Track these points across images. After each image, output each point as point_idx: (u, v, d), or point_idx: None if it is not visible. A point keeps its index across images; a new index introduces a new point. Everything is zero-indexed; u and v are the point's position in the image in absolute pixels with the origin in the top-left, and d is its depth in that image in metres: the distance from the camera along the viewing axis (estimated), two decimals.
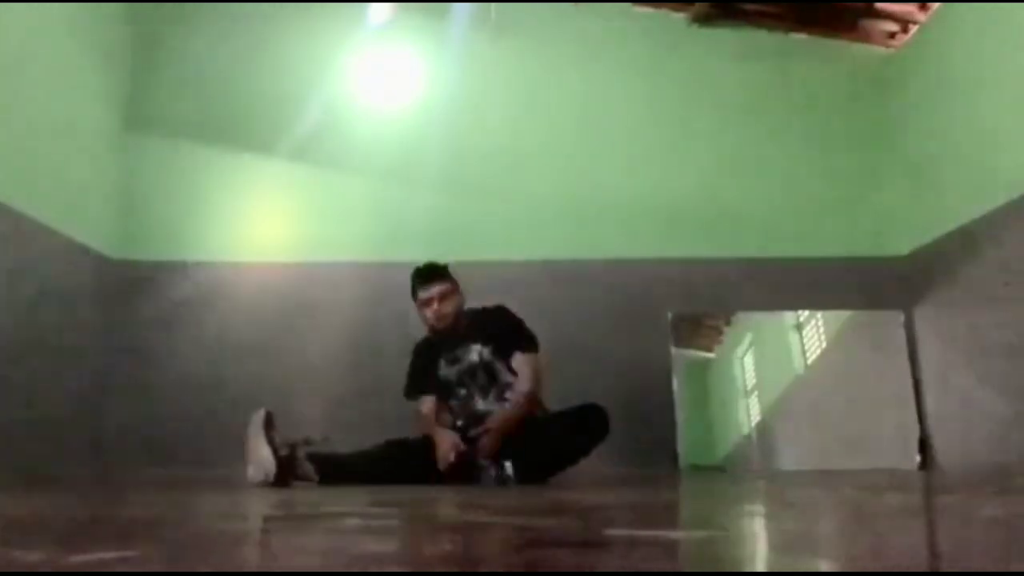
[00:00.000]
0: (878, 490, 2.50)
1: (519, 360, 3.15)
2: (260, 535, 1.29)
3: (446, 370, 3.20)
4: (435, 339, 3.28)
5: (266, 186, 5.37)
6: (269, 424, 3.00)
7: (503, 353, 3.16)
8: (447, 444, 2.92)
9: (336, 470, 2.93)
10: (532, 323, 3.51)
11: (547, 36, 5.65)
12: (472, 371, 3.15)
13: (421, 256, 5.45)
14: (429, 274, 3.28)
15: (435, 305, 3.20)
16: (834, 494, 2.33)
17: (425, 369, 3.24)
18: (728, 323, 5.61)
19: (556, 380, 4.75)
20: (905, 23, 5.37)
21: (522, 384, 3.09)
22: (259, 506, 1.94)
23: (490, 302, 3.49)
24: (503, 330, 3.20)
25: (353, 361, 5.05)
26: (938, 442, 4.88)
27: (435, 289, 3.23)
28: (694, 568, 0.93)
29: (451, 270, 3.37)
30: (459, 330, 3.21)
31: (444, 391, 3.20)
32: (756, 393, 5.41)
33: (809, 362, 5.40)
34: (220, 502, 2.09)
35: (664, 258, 5.26)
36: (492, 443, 2.99)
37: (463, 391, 3.18)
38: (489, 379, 3.14)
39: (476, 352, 3.15)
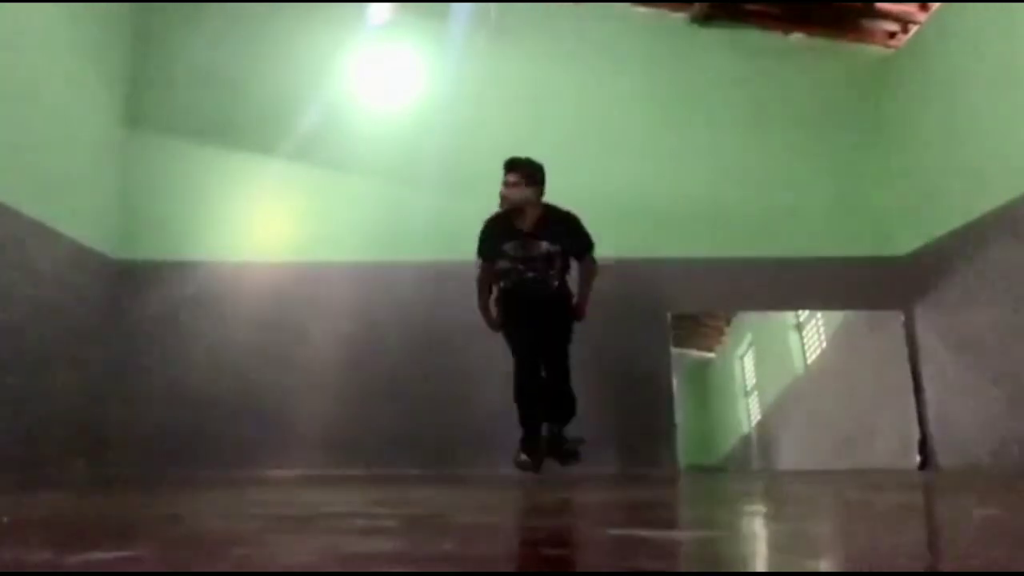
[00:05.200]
0: (878, 490, 2.50)
1: (581, 264, 4.02)
2: (260, 535, 1.29)
3: (511, 249, 3.92)
4: (506, 221, 3.94)
5: (266, 186, 5.36)
6: None
7: (567, 252, 3.96)
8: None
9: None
10: None
11: (547, 36, 5.64)
12: (536, 259, 3.91)
13: (421, 256, 5.49)
14: (512, 164, 3.94)
15: (502, 188, 3.88)
16: (834, 494, 2.33)
17: (493, 241, 3.97)
18: (728, 323, 5.61)
19: None
20: (905, 23, 5.37)
21: (583, 274, 4.02)
22: (259, 506, 1.94)
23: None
24: (573, 235, 3.96)
25: (353, 359, 5.05)
26: (938, 442, 4.88)
27: (510, 177, 3.90)
28: (694, 568, 0.93)
29: (536, 171, 3.96)
30: (536, 218, 3.90)
31: (502, 259, 3.95)
32: (756, 393, 5.41)
33: (809, 362, 5.40)
34: (220, 502, 2.09)
35: (664, 258, 5.25)
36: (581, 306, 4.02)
37: (520, 266, 3.93)
38: (546, 265, 3.91)
39: (545, 247, 3.90)
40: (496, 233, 3.96)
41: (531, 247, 3.89)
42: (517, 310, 3.90)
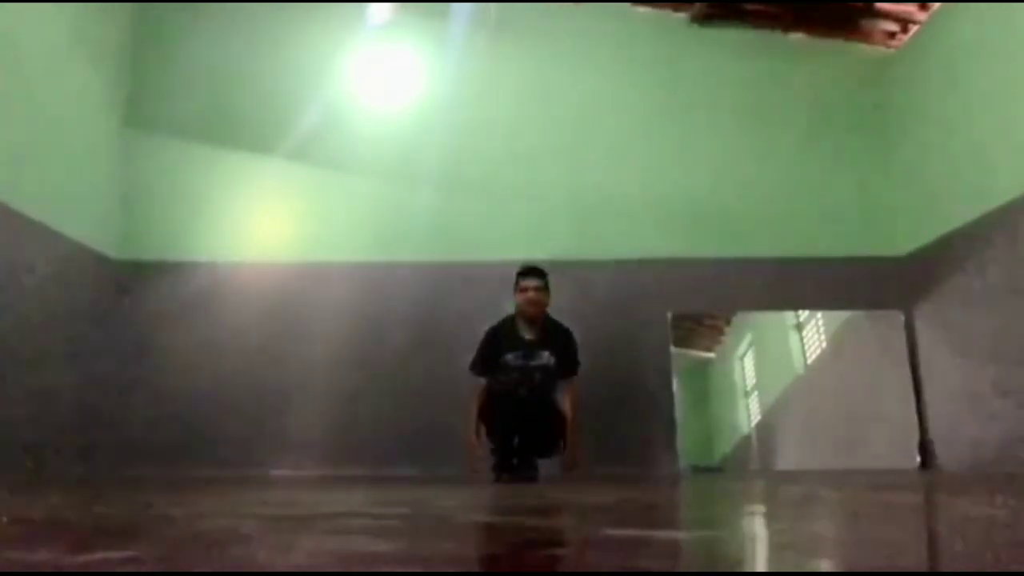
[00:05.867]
0: (878, 490, 2.50)
1: (565, 384, 3.99)
2: (260, 535, 1.29)
3: (514, 359, 3.90)
4: (513, 330, 3.97)
5: (266, 186, 5.36)
6: None
7: (559, 368, 3.95)
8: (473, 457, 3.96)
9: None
10: None
11: (547, 36, 5.64)
12: (536, 369, 3.90)
13: (421, 256, 5.48)
14: (533, 270, 4.03)
15: (531, 294, 3.92)
16: (834, 494, 2.33)
17: (494, 354, 3.94)
18: (728, 323, 5.61)
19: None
20: (905, 23, 5.37)
21: (567, 407, 3.96)
22: (259, 506, 1.94)
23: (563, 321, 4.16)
24: (568, 352, 3.99)
25: (353, 360, 5.05)
26: (938, 442, 4.87)
27: (533, 282, 3.95)
28: (694, 568, 0.93)
29: (547, 277, 4.05)
30: (539, 328, 3.95)
31: (502, 371, 3.90)
32: (756, 393, 5.41)
33: (809, 362, 5.40)
34: (220, 502, 2.09)
35: (664, 258, 5.25)
36: (573, 457, 3.95)
37: (517, 376, 3.89)
38: (543, 379, 3.89)
39: (546, 357, 3.91)
40: (500, 343, 3.95)
41: (534, 357, 3.91)
42: (506, 419, 3.79)
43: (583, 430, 4.07)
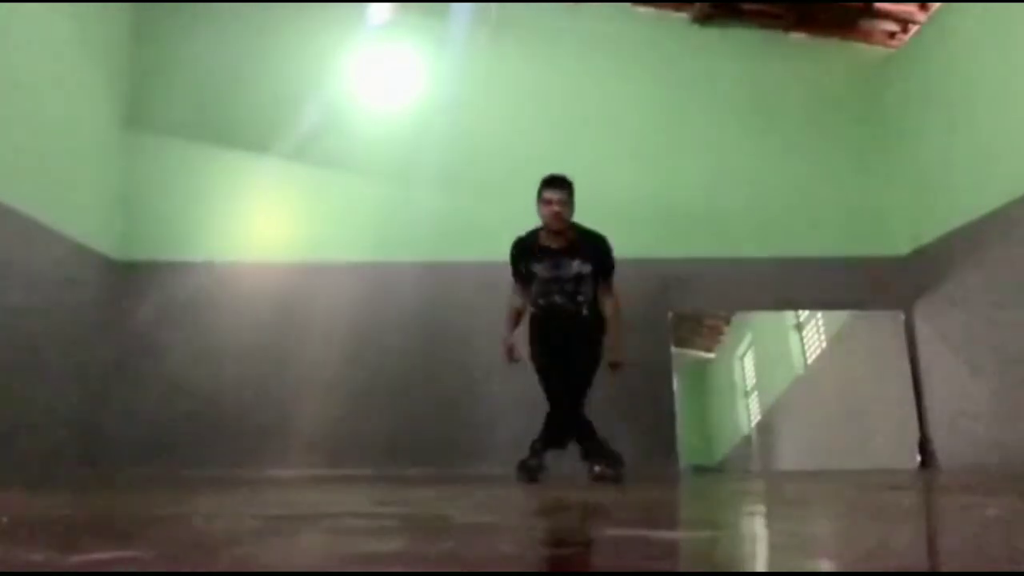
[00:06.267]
0: (878, 490, 2.50)
1: (604, 287, 3.87)
2: (260, 535, 1.29)
3: (543, 270, 3.82)
4: (538, 241, 3.84)
5: (266, 186, 5.36)
6: None
7: (595, 274, 3.84)
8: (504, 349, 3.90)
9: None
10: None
11: (547, 36, 5.64)
12: (567, 280, 3.82)
13: (421, 256, 5.48)
14: (557, 180, 3.83)
15: (555, 207, 3.73)
16: (834, 494, 2.33)
17: (525, 260, 3.87)
18: (728, 323, 5.61)
19: None
20: (905, 23, 5.37)
21: (609, 309, 3.86)
22: (259, 506, 1.94)
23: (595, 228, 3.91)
24: (601, 256, 3.85)
25: (352, 360, 5.05)
26: (938, 442, 4.87)
27: (557, 195, 3.74)
28: (694, 568, 0.93)
29: (572, 187, 3.83)
30: (566, 238, 3.79)
31: (537, 284, 3.86)
32: (756, 393, 5.41)
33: (809, 362, 5.40)
34: (220, 502, 2.09)
35: (664, 258, 5.25)
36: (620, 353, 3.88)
37: (552, 286, 3.84)
38: (575, 286, 3.82)
39: (577, 266, 3.80)
40: (526, 253, 3.88)
41: (562, 267, 3.81)
42: (548, 340, 3.81)
43: (625, 329, 3.94)
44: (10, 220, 4.02)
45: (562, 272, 3.81)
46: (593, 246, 3.83)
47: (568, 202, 3.80)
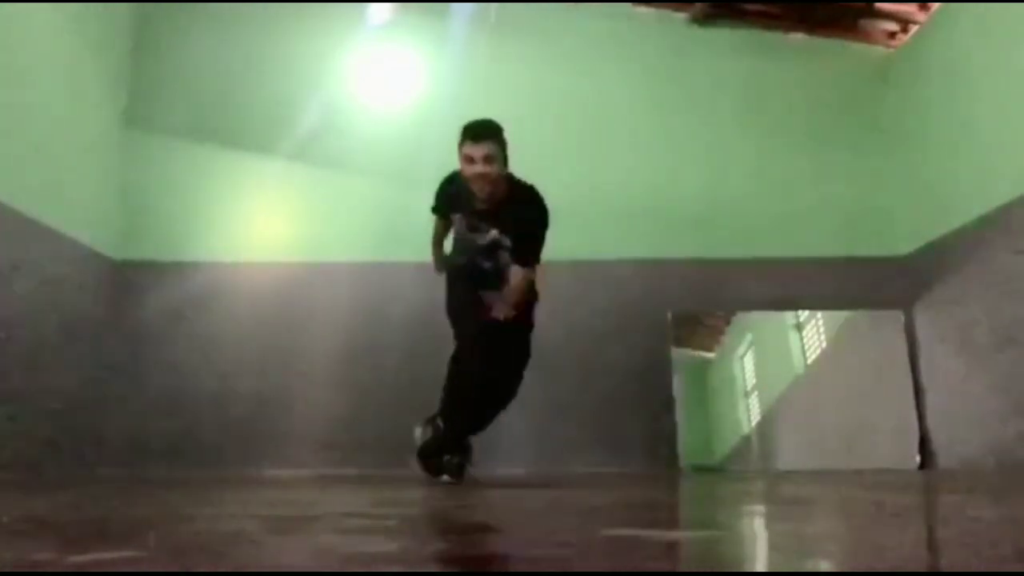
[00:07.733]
0: (878, 490, 2.50)
1: (515, 270, 3.16)
2: (260, 535, 1.29)
3: (460, 225, 3.23)
4: (462, 187, 3.15)
5: (266, 186, 5.36)
6: None
7: (512, 250, 3.16)
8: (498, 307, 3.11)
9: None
10: None
11: (547, 36, 5.64)
12: (483, 246, 3.18)
13: (421, 256, 5.46)
14: (481, 130, 3.09)
15: (479, 167, 3.02)
16: (834, 494, 2.33)
17: (448, 201, 3.25)
18: (728, 323, 5.61)
19: (556, 380, 4.74)
20: (905, 23, 5.37)
21: (515, 280, 3.14)
22: (259, 506, 1.94)
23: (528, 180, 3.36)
24: (524, 230, 3.12)
25: (352, 359, 5.05)
26: (938, 442, 4.87)
27: (481, 151, 3.03)
28: (694, 568, 0.93)
29: (502, 135, 3.17)
30: (493, 196, 3.07)
31: (453, 226, 3.29)
32: (756, 393, 5.40)
33: (809, 362, 5.39)
34: (219, 502, 2.09)
35: (664, 258, 5.25)
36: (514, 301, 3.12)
37: (470, 246, 3.23)
38: (488, 252, 3.18)
39: (494, 235, 3.12)
40: (451, 197, 3.24)
41: (478, 229, 3.14)
42: (468, 302, 3.16)
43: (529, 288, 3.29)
44: (10, 220, 4.02)
45: (477, 237, 3.15)
46: (515, 214, 3.07)
47: (497, 156, 3.05)
